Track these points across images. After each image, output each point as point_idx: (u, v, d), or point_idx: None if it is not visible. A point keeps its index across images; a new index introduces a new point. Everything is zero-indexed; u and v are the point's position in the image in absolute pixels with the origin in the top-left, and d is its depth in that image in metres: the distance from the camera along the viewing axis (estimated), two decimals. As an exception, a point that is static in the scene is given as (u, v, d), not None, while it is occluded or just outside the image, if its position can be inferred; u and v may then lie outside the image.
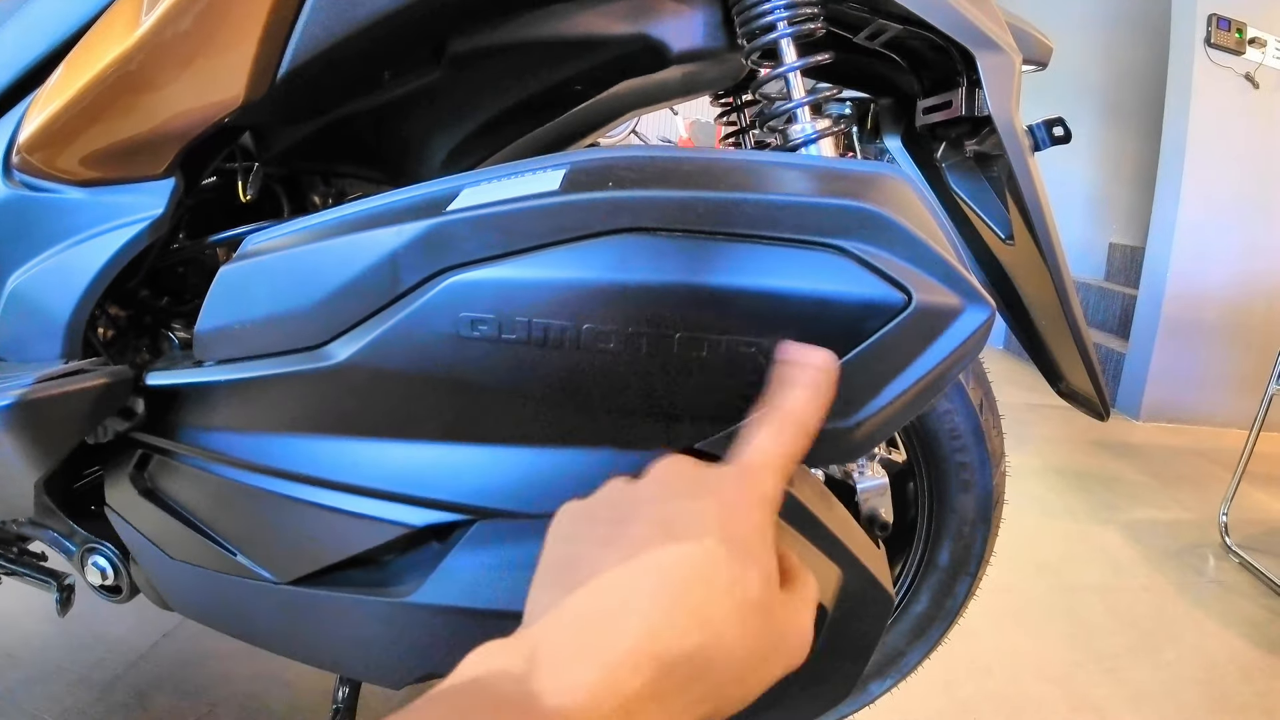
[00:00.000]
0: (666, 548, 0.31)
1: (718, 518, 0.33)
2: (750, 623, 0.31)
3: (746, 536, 0.33)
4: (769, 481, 0.36)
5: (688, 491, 0.35)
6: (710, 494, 0.34)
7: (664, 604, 0.29)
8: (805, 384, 0.40)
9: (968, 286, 0.46)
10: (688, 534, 0.32)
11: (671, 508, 0.33)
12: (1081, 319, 0.78)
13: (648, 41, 0.67)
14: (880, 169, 0.51)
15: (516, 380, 0.49)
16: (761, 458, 0.37)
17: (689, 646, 0.29)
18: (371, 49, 0.58)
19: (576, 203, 0.46)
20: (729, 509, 0.33)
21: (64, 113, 0.64)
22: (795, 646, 0.34)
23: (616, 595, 0.30)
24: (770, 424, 0.38)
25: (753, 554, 0.32)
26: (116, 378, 0.64)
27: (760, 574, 0.32)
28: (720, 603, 0.30)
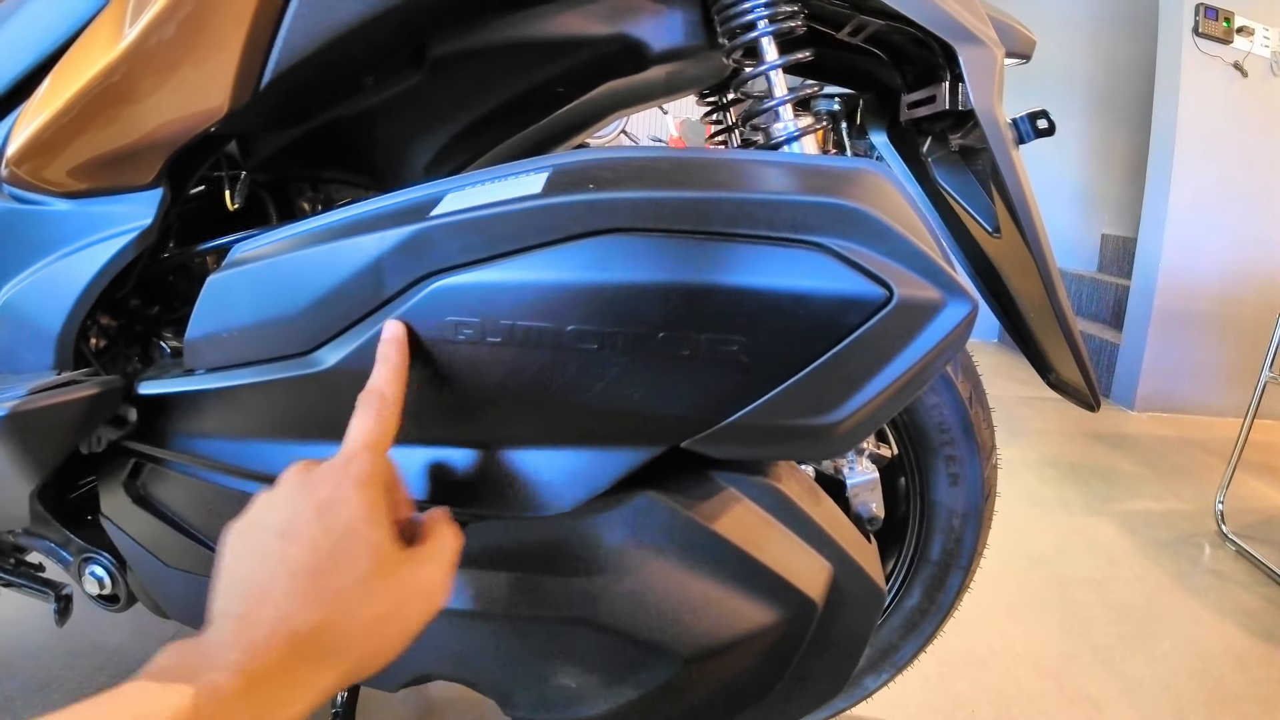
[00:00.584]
0: (285, 550, 0.39)
1: (321, 510, 0.40)
2: (370, 588, 0.39)
3: (350, 517, 0.40)
4: (365, 461, 0.42)
5: (299, 494, 0.41)
6: (316, 489, 0.41)
7: (290, 592, 0.37)
8: (382, 358, 0.47)
9: (949, 280, 0.47)
10: (300, 532, 0.39)
11: (287, 512, 0.40)
12: (1069, 310, 0.78)
13: (627, 41, 0.67)
14: (860, 164, 0.52)
15: (502, 382, 0.49)
16: (358, 442, 0.43)
17: (318, 618, 0.37)
18: (353, 54, 0.59)
19: (556, 205, 0.46)
20: (330, 499, 0.40)
21: (51, 125, 0.64)
22: (426, 597, 0.42)
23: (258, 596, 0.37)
24: (361, 406, 0.45)
25: (357, 531, 0.39)
26: (108, 387, 0.64)
27: (369, 546, 0.39)
28: (337, 579, 0.38)
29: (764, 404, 0.48)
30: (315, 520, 0.39)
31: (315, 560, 0.38)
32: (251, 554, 0.40)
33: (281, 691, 0.35)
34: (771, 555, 0.58)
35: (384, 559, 0.40)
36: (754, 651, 0.61)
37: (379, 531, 0.40)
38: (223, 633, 0.36)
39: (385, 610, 0.39)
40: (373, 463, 0.43)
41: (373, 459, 0.43)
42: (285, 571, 0.38)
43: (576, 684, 0.60)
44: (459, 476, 0.55)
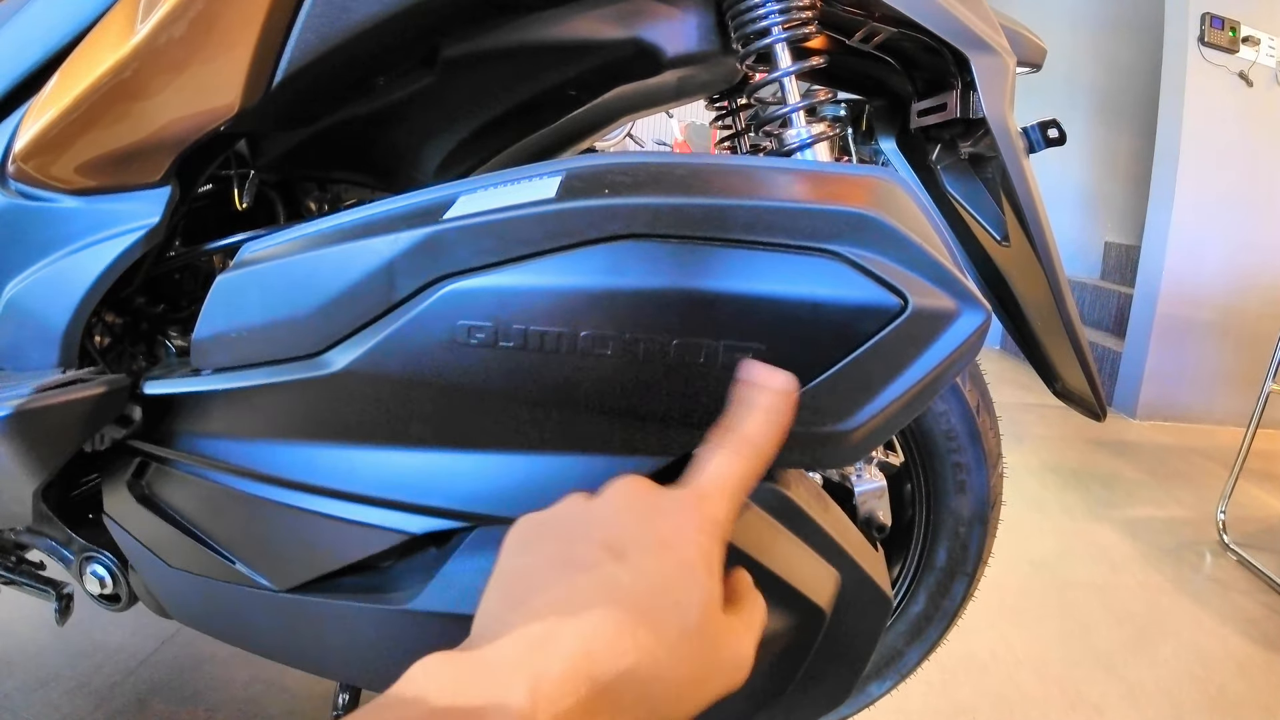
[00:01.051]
0: (612, 570, 0.32)
1: (664, 543, 0.34)
2: (688, 647, 0.32)
3: (691, 562, 0.34)
4: (720, 507, 0.37)
5: (638, 514, 0.36)
6: (660, 518, 0.35)
7: (603, 625, 0.30)
8: (764, 408, 0.41)
9: (963, 289, 0.47)
10: (633, 558, 0.33)
11: (621, 530, 0.35)
12: (1077, 319, 0.78)
13: (641, 46, 0.67)
14: (874, 173, 0.51)
15: (514, 387, 0.49)
16: (714, 483, 0.38)
17: (625, 667, 0.30)
18: (365, 55, 0.59)
19: (571, 210, 0.46)
20: (676, 534, 0.35)
21: (59, 121, 0.64)
22: (733, 670, 0.35)
23: (559, 614, 0.31)
24: (726, 448, 0.39)
25: (696, 579, 0.33)
26: (113, 386, 0.64)
27: (702, 599, 0.33)
28: (659, 627, 0.31)
29: (777, 411, 0.47)
30: (655, 549, 0.34)
31: (643, 595, 0.32)
32: (562, 561, 0.34)
33: None
34: (780, 562, 0.58)
35: (712, 616, 0.34)
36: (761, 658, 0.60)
37: (715, 584, 0.34)
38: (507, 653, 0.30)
39: (695, 674, 0.33)
40: (728, 510, 0.37)
41: (729, 505, 0.38)
42: (605, 597, 0.31)
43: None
44: (471, 481, 0.55)
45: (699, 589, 0.33)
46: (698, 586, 0.33)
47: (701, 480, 0.38)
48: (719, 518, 0.37)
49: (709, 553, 0.35)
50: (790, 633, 0.59)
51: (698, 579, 0.34)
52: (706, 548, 0.35)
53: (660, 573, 0.33)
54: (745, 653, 0.36)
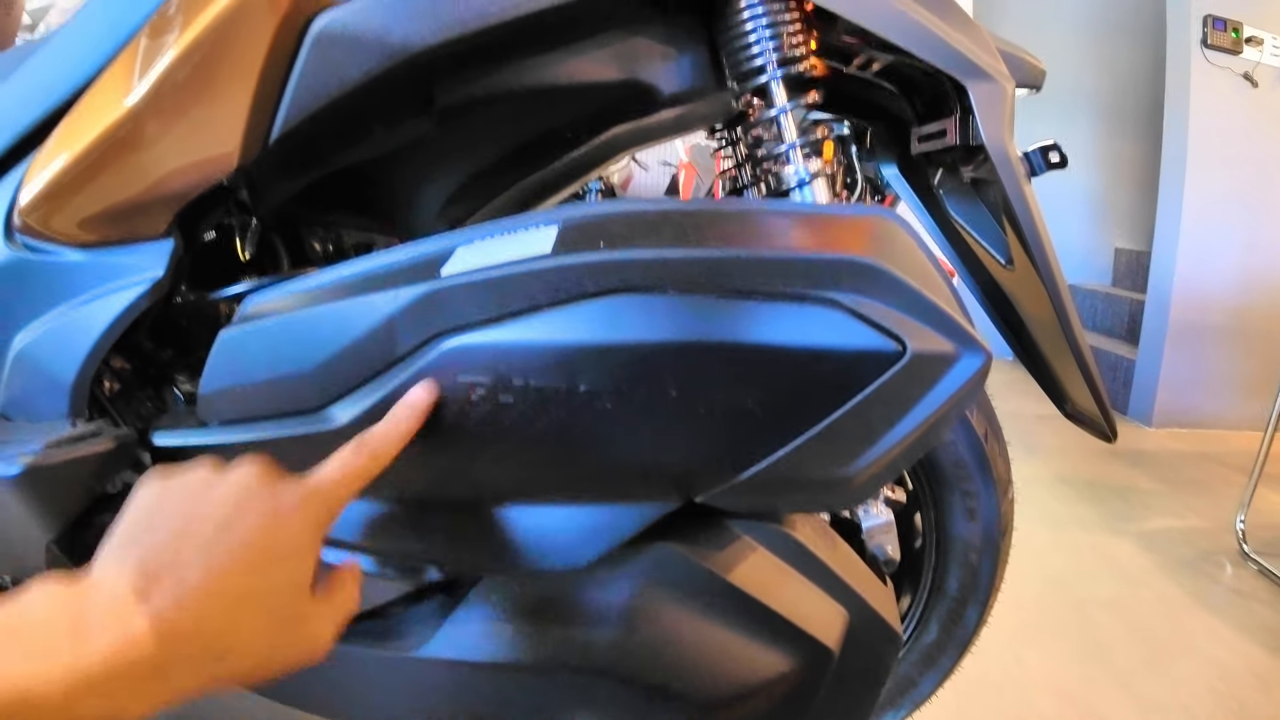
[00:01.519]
0: (215, 544, 0.37)
1: (266, 529, 0.38)
2: (267, 621, 0.37)
3: (285, 544, 0.38)
4: (324, 500, 0.41)
5: (252, 498, 0.39)
6: (268, 506, 0.39)
7: (196, 588, 0.35)
8: (390, 416, 0.47)
9: (962, 333, 0.47)
10: (236, 535, 0.37)
11: (232, 511, 0.38)
12: (1083, 342, 0.77)
13: (638, 86, 0.67)
14: (872, 214, 0.51)
15: (515, 440, 0.49)
16: (325, 478, 0.43)
17: (209, 628, 0.35)
18: (361, 106, 0.59)
19: (568, 266, 0.46)
20: (276, 518, 0.39)
21: (62, 175, 0.65)
22: (309, 648, 0.40)
23: (161, 573, 0.35)
24: (347, 448, 0.45)
25: (286, 560, 0.38)
26: (123, 440, 0.64)
27: (288, 583, 0.38)
28: (244, 600, 0.36)
29: (779, 459, 0.47)
30: (261, 527, 0.38)
31: (241, 565, 0.36)
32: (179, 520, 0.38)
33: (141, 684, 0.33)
34: (786, 603, 0.58)
35: (296, 598, 0.39)
36: (772, 698, 0.60)
37: (307, 569, 0.40)
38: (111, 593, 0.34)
39: (271, 643, 0.38)
40: (337, 500, 0.42)
41: (339, 497, 0.42)
42: (207, 557, 0.36)
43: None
44: (478, 533, 0.55)
45: (287, 570, 0.38)
46: (286, 568, 0.38)
47: (315, 475, 0.42)
48: (319, 511, 0.41)
49: (303, 540, 0.39)
50: (799, 672, 0.59)
51: (288, 561, 0.38)
52: (300, 534, 0.39)
53: (256, 550, 0.37)
54: (323, 635, 0.41)
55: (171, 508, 0.39)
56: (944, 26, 0.67)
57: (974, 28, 0.71)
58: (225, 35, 0.57)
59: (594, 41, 0.65)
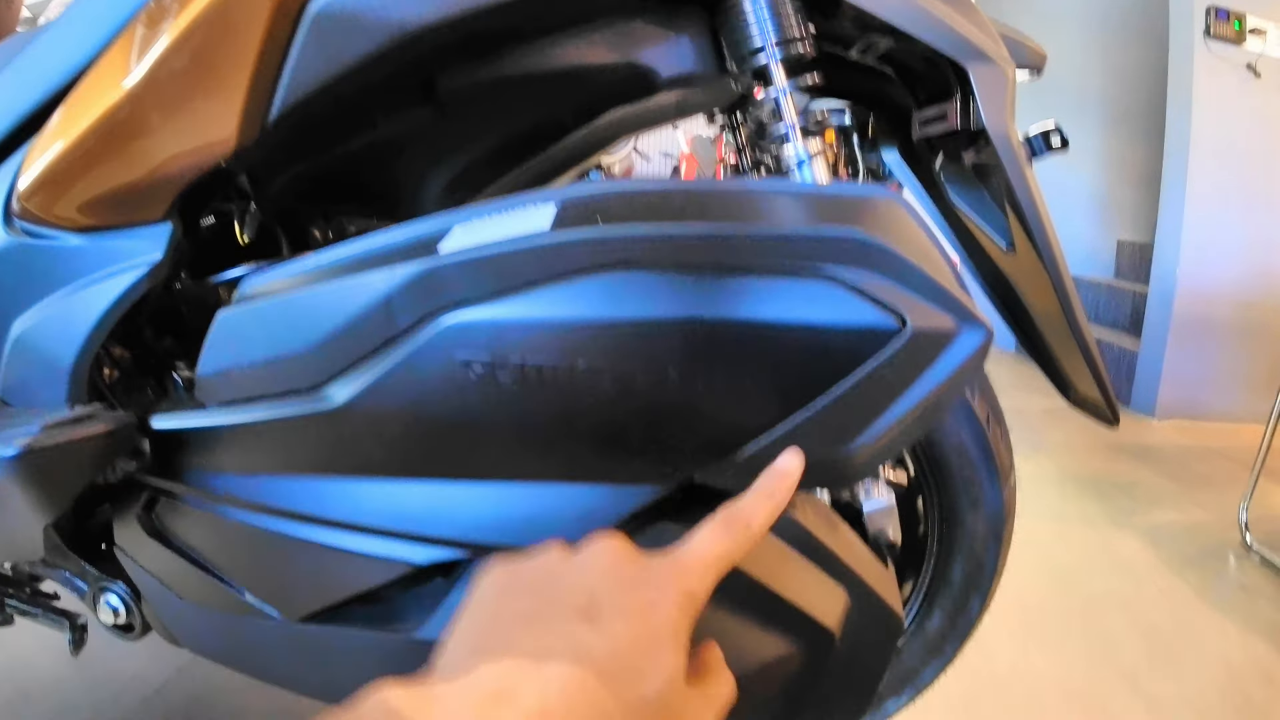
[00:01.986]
0: (581, 633, 0.32)
1: (637, 612, 0.34)
2: (645, 707, 0.32)
3: (661, 635, 0.34)
4: (697, 581, 0.37)
5: (615, 580, 0.35)
6: (635, 587, 0.35)
7: (564, 687, 0.30)
8: (760, 487, 0.42)
9: (962, 309, 0.46)
10: (604, 624, 0.33)
11: (595, 594, 0.35)
12: (1086, 327, 0.77)
13: (637, 69, 0.67)
14: (872, 192, 0.51)
15: (513, 418, 0.48)
16: (696, 556, 0.38)
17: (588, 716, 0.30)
18: (360, 90, 0.59)
19: (566, 242, 0.46)
20: (649, 605, 0.34)
21: (61, 160, 0.65)
22: None
23: (522, 669, 0.31)
24: (716, 522, 0.40)
25: (663, 652, 0.33)
26: (120, 423, 0.64)
27: (666, 673, 0.33)
28: (619, 695, 0.31)
29: (778, 436, 0.47)
30: (626, 618, 0.34)
31: (608, 662, 0.32)
32: (534, 615, 0.34)
33: None
34: (787, 585, 0.57)
35: (674, 689, 0.34)
36: (771, 682, 0.60)
37: (680, 659, 0.34)
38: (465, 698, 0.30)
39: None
40: (708, 583, 0.37)
41: (710, 579, 0.38)
42: (571, 659, 0.31)
43: None
44: (474, 512, 0.55)
45: (664, 663, 0.33)
46: (663, 660, 0.33)
47: (684, 552, 0.38)
48: (694, 592, 0.36)
49: (679, 626, 0.35)
50: (799, 656, 0.59)
51: (664, 652, 0.33)
52: (677, 621, 0.35)
53: (628, 642, 0.33)
54: None
55: (524, 601, 0.35)
56: (944, 9, 0.67)
57: (974, 11, 0.71)
58: (222, 17, 0.57)
59: (593, 24, 0.65)
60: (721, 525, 0.39)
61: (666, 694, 0.33)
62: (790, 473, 0.43)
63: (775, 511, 0.42)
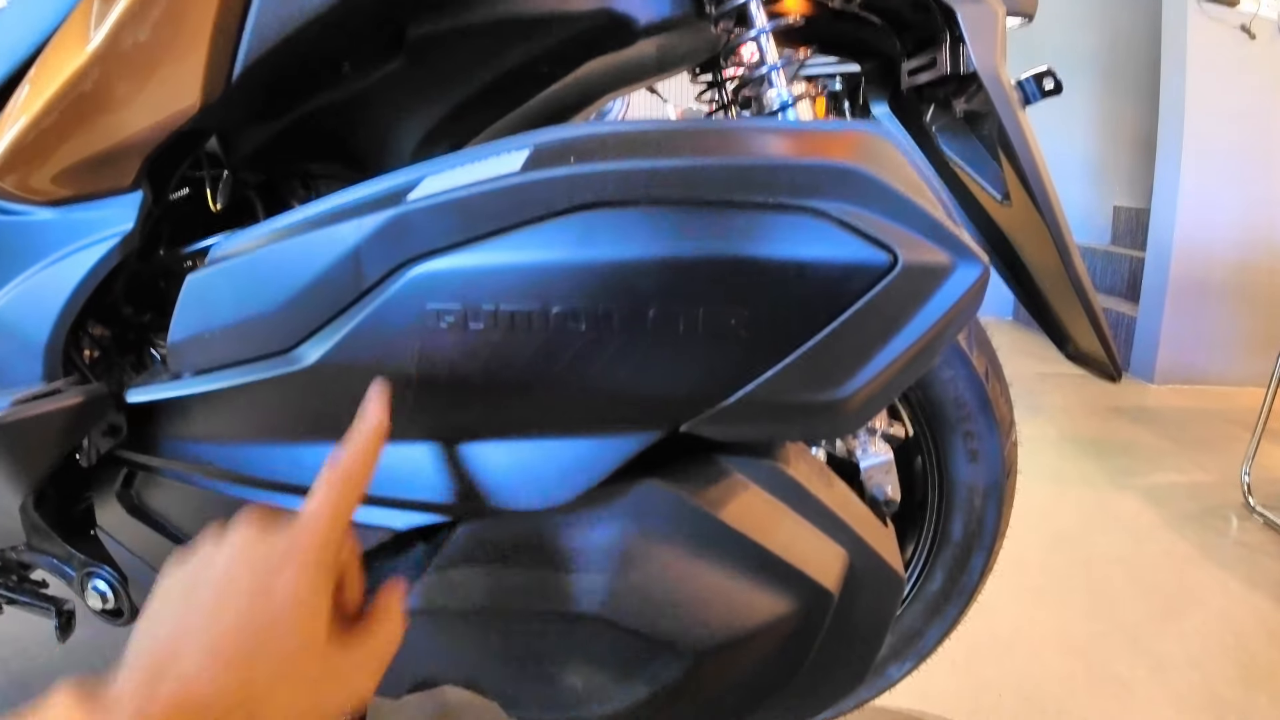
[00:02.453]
0: (218, 615, 0.36)
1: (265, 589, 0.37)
2: (290, 679, 0.36)
3: (289, 603, 0.37)
4: (317, 547, 0.39)
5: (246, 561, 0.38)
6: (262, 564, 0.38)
7: (203, 665, 0.34)
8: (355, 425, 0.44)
9: (957, 242, 0.44)
10: (236, 603, 0.36)
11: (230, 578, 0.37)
12: (1085, 277, 0.75)
13: (612, 15, 0.64)
14: (857, 126, 0.49)
15: (489, 370, 0.47)
16: (308, 526, 0.40)
17: (228, 702, 0.34)
18: (326, 40, 0.57)
19: (536, 181, 0.44)
20: (275, 570, 0.38)
21: (27, 133, 0.63)
22: (346, 692, 0.39)
23: (169, 655, 0.35)
24: (319, 485, 0.42)
25: (293, 619, 0.37)
26: (92, 395, 0.62)
27: (300, 635, 0.37)
28: (259, 663, 0.35)
29: (766, 380, 0.45)
30: (257, 588, 0.37)
31: (244, 630, 0.36)
32: (180, 603, 0.37)
33: None
34: (782, 543, 0.56)
35: (314, 644, 0.38)
36: (769, 644, 0.58)
37: (317, 617, 0.38)
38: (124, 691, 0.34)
39: (301, 699, 0.37)
40: (326, 540, 0.40)
41: (327, 536, 0.40)
42: (209, 634, 0.35)
43: (584, 683, 0.58)
44: (451, 472, 0.53)
45: (297, 628, 0.37)
46: (295, 625, 0.37)
47: (298, 524, 0.40)
48: (315, 559, 0.39)
49: (308, 593, 0.38)
50: (797, 616, 0.57)
51: (295, 619, 0.37)
52: (304, 589, 0.38)
53: (263, 608, 0.36)
54: (362, 683, 0.40)
55: (176, 594, 0.38)
56: (930, -50, 0.65)
57: None
58: (180, -30, 0.55)
59: (567, -32, 0.63)
60: (325, 487, 0.41)
61: (304, 657, 0.37)
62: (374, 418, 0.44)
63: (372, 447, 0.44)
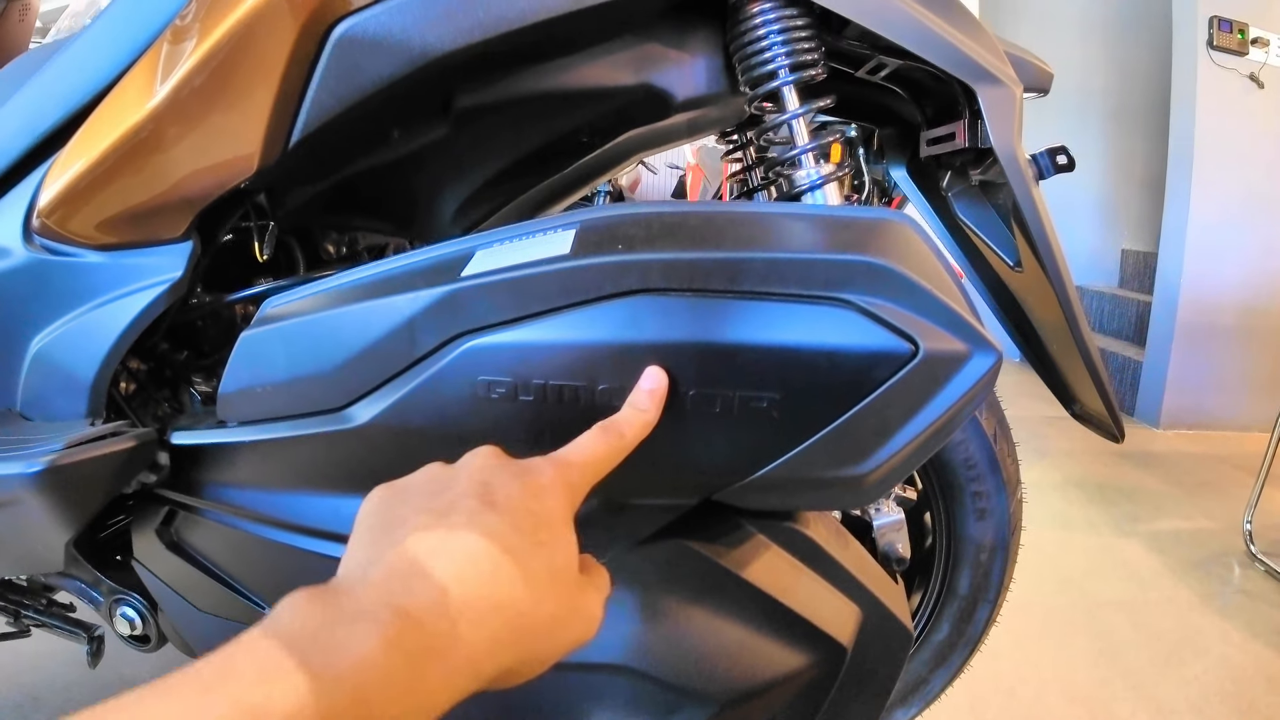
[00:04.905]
0: (481, 513, 0.34)
1: (531, 493, 0.36)
2: (552, 588, 0.34)
3: (549, 515, 0.36)
4: (577, 474, 0.40)
5: (505, 471, 0.38)
6: (525, 475, 0.38)
7: (473, 558, 0.32)
8: (633, 402, 0.46)
9: (974, 332, 0.47)
10: (502, 504, 0.35)
11: (488, 483, 0.37)
12: (1092, 343, 0.78)
13: (652, 91, 0.68)
14: (884, 216, 0.52)
15: (534, 439, 0.49)
16: (575, 455, 0.41)
17: (495, 599, 0.32)
18: (380, 111, 0.60)
19: (587, 266, 0.47)
20: (540, 489, 0.37)
21: (82, 178, 0.66)
22: (588, 620, 0.37)
23: (430, 549, 0.32)
24: (595, 429, 0.43)
25: (553, 531, 0.36)
26: (142, 440, 0.65)
27: (560, 550, 0.36)
28: (526, 565, 0.33)
29: (793, 457, 0.48)
30: (524, 496, 0.36)
31: (512, 536, 0.33)
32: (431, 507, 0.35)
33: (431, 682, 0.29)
34: (800, 601, 0.58)
35: (573, 561, 0.36)
36: (786, 694, 0.61)
37: (573, 537, 0.37)
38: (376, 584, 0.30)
39: (557, 614, 0.35)
40: (585, 478, 0.40)
41: (588, 476, 0.40)
42: (476, 535, 0.33)
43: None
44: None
45: (561, 537, 0.36)
46: (560, 534, 0.36)
47: (564, 452, 0.41)
48: (574, 484, 0.39)
49: (563, 511, 0.37)
50: (813, 668, 0.60)
51: (560, 528, 0.36)
52: (560, 506, 0.37)
53: (527, 519, 0.35)
54: (596, 608, 0.38)
55: (416, 500, 0.36)
56: (952, 31, 0.68)
57: (981, 32, 0.71)
58: (246, 40, 0.58)
59: (609, 46, 0.66)
60: (599, 431, 0.43)
61: (565, 567, 0.36)
62: (657, 388, 0.46)
63: (647, 423, 0.45)
